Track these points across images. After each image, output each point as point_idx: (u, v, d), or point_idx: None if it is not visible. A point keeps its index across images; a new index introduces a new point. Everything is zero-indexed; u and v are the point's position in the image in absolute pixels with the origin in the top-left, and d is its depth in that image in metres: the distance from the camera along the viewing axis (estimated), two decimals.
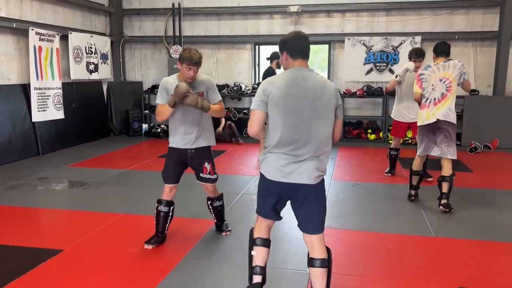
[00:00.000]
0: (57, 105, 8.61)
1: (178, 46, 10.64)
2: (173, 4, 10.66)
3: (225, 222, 4.43)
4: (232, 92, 10.38)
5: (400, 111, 6.34)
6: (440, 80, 4.95)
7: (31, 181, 6.23)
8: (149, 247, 3.94)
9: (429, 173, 6.24)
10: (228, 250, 3.95)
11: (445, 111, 4.90)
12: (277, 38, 10.27)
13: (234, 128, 9.85)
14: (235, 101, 10.80)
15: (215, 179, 4.16)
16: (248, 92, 10.35)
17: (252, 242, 2.99)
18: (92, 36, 9.89)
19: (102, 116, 10.33)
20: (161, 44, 11.03)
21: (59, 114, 8.62)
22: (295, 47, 2.78)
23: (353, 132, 10.04)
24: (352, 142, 9.81)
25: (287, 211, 3.04)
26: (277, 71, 6.93)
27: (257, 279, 2.98)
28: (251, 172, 6.89)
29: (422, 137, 5.16)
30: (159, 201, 4.03)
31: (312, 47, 2.88)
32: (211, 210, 4.32)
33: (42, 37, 8.20)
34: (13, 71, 7.92)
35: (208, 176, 4.08)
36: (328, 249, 2.86)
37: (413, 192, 5.46)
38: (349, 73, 10.15)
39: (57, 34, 8.64)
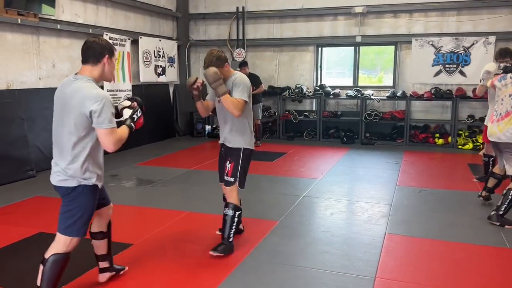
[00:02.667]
0: None
1: (241, 49, 10.82)
2: (237, 8, 10.85)
3: (223, 246, 3.82)
4: (293, 94, 10.38)
5: (489, 116, 6.02)
6: (510, 96, 4.61)
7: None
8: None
9: None
10: (290, 253, 3.96)
11: (508, 131, 4.52)
12: (340, 39, 10.35)
13: (259, 129, 9.56)
14: (296, 103, 10.79)
15: (231, 182, 3.86)
16: (310, 94, 10.30)
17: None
18: (160, 40, 10.31)
19: (168, 117, 10.74)
20: (224, 47, 11.24)
21: None
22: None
23: (419, 136, 9.69)
24: (418, 146, 9.47)
25: (350, 216, 2.99)
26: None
27: None
28: (312, 175, 6.85)
29: (493, 149, 4.98)
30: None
31: (375, 48, 2.83)
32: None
33: (115, 41, 8.66)
34: None
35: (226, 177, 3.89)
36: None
37: (483, 193, 5.28)
38: (416, 75, 9.79)
39: (128, 39, 9.10)
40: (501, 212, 4.58)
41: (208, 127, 11.04)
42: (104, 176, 3.07)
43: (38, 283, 2.81)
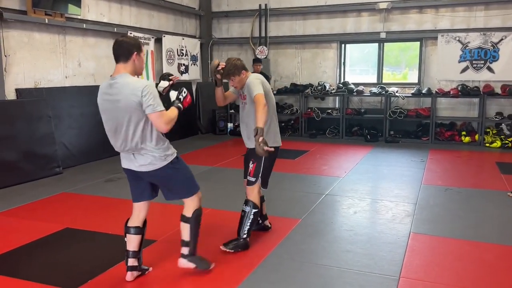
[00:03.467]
0: None
1: (264, 47, 10.80)
2: (259, 6, 10.84)
3: (235, 242, 3.93)
4: (316, 92, 10.31)
5: None
6: None
7: None
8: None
9: None
10: (313, 251, 3.93)
11: None
12: (364, 36, 10.22)
13: None
14: (318, 100, 10.72)
15: (252, 182, 3.98)
16: (333, 91, 10.20)
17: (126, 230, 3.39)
18: (183, 39, 10.39)
19: (191, 115, 10.81)
20: (247, 45, 11.27)
21: None
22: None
23: (445, 134, 9.49)
24: (444, 144, 9.28)
25: (374, 215, 2.95)
26: None
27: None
28: (335, 173, 6.79)
29: None
30: None
31: (399, 44, 2.77)
32: None
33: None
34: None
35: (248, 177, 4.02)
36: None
37: None
38: (442, 72, 9.60)
39: (152, 37, 9.19)
40: None
41: (230, 125, 11.07)
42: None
43: (187, 238, 3.46)
